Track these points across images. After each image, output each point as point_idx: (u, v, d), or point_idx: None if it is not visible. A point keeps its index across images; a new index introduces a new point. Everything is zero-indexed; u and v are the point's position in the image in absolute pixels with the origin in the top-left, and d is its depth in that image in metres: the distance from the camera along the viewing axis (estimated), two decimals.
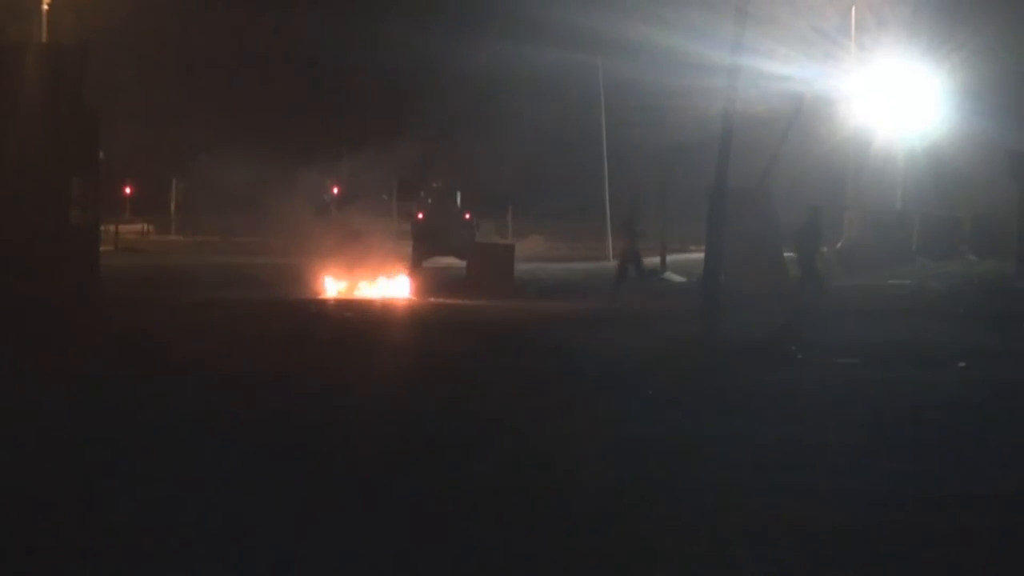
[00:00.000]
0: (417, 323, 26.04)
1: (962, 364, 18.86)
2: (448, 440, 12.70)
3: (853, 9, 51.80)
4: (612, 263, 45.72)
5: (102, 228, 28.66)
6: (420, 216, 49.62)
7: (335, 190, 66.48)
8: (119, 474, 10.86)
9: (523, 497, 10.26)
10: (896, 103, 51.79)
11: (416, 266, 40.97)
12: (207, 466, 11.22)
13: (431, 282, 34.73)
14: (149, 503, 9.89)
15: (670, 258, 43.72)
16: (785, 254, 34.17)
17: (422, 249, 45.08)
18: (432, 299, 31.59)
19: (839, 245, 49.17)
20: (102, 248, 26.87)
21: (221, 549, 8.74)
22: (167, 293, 30.04)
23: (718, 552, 8.83)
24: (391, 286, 32.88)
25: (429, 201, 51.77)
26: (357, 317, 26.47)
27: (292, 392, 15.72)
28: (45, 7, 47.90)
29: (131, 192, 68.97)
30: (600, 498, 10.33)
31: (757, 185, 34.39)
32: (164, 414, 13.75)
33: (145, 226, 68.98)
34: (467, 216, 50.24)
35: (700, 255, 26.67)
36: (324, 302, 30.16)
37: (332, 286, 32.41)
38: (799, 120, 37.31)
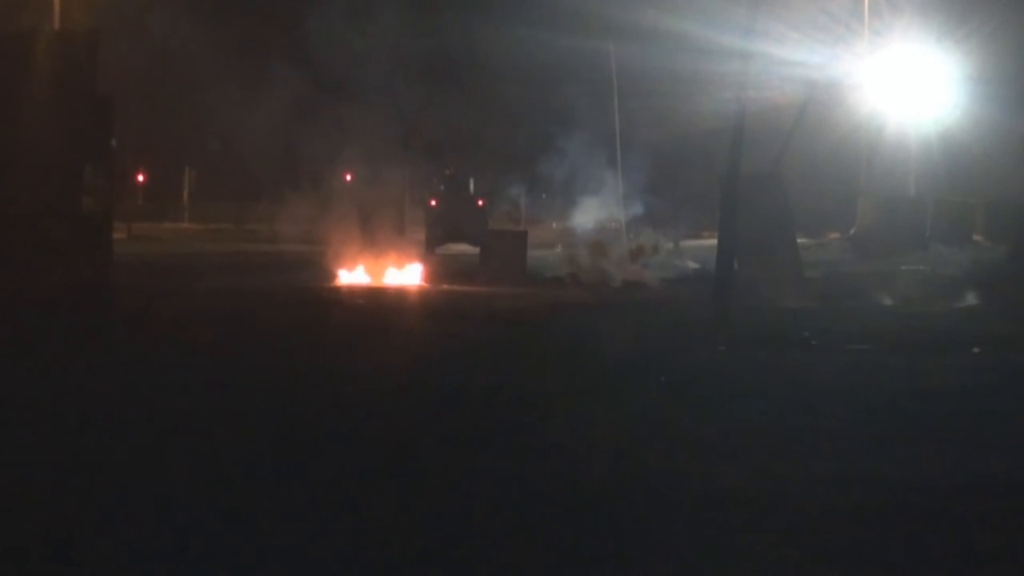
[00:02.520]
0: (430, 310, 26.03)
1: (976, 350, 18.83)
2: (463, 427, 12.71)
3: None
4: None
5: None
6: (433, 203, 49.62)
7: (348, 176, 66.36)
8: (115, 465, 10.90)
9: (536, 481, 10.27)
10: (909, 89, 51.67)
11: (429, 253, 40.98)
12: (231, 451, 11.24)
13: (444, 269, 34.74)
14: (150, 495, 9.93)
15: (683, 244, 43.68)
16: (799, 240, 34.07)
17: (435, 236, 45.13)
18: (446, 286, 31.59)
19: (852, 231, 49.09)
20: (115, 236, 26.85)
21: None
22: (180, 282, 30.05)
23: (727, 536, 8.83)
24: (404, 273, 32.90)
25: (442, 188, 51.74)
26: (370, 305, 26.50)
27: (306, 378, 15.73)
28: None
29: (144, 180, 68.99)
30: (610, 482, 10.33)
31: (770, 171, 34.30)
32: (170, 405, 13.78)
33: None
34: (480, 203, 50.22)
35: (713, 241, 26.64)
36: (338, 289, 30.17)
37: (346, 273, 32.42)
38: (812, 106, 37.21)
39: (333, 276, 32.14)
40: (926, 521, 9.28)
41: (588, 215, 40.93)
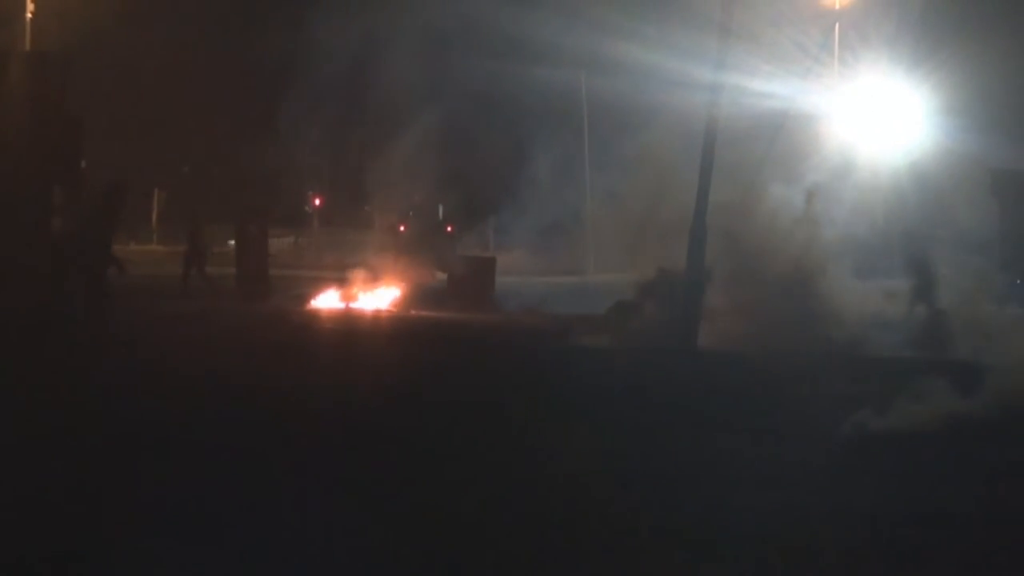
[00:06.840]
0: (397, 336, 25.98)
1: (947, 378, 18.83)
2: (434, 458, 12.65)
3: (836, 26, 51.93)
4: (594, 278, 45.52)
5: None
6: (402, 228, 49.60)
7: (317, 201, 66.47)
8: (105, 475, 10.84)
9: (512, 511, 10.24)
10: (879, 120, 51.90)
11: (398, 279, 40.87)
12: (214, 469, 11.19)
13: (412, 294, 34.63)
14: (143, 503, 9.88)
15: None
16: None
17: (403, 262, 45.00)
18: (413, 312, 31.57)
19: None
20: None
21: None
22: (149, 304, 29.91)
23: (705, 570, 8.80)
24: (372, 298, 32.86)
25: (411, 213, 51.72)
26: (337, 329, 26.44)
27: (256, 403, 15.66)
28: (29, 14, 47.81)
29: None
30: (582, 514, 10.27)
31: (739, 201, 34.31)
32: (146, 421, 13.73)
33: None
34: (449, 229, 50.21)
35: None
36: (305, 314, 30.09)
37: (314, 298, 32.38)
38: (781, 137, 37.27)
39: (303, 301, 32.10)
40: (901, 554, 9.27)
41: None
